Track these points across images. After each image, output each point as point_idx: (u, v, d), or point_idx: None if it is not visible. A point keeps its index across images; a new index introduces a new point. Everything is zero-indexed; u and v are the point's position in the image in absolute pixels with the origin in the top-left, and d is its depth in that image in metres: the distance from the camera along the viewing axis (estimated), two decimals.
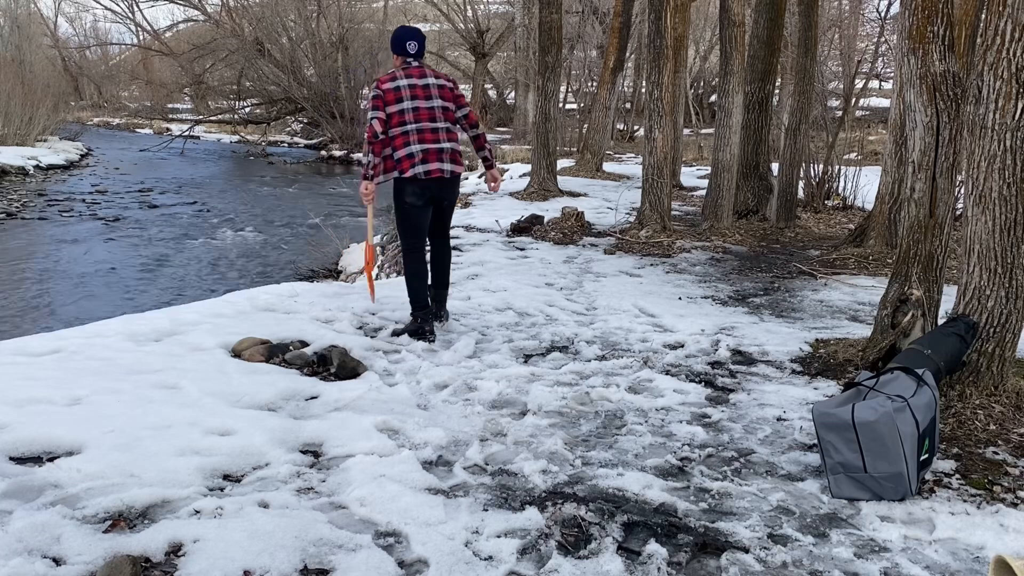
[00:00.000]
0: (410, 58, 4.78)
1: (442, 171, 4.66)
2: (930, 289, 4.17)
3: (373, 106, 4.67)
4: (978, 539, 2.65)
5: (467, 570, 2.40)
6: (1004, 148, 3.43)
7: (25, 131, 21.10)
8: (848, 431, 2.89)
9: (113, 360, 3.97)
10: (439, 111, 4.71)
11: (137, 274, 9.79)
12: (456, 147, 4.77)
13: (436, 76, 4.79)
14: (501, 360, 4.42)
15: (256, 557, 2.36)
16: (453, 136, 4.77)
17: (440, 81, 4.78)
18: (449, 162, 4.70)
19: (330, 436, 3.29)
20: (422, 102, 4.67)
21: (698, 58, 28.61)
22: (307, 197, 16.73)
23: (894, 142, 7.06)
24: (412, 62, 4.77)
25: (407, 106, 4.64)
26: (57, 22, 44.86)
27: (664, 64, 8.36)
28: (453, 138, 4.77)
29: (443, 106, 4.73)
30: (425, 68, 4.78)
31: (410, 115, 4.63)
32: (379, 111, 4.64)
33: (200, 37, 30.29)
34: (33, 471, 2.80)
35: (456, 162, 4.76)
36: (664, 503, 2.85)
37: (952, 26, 4.10)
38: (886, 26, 14.76)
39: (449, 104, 4.77)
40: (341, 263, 10.38)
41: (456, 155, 4.76)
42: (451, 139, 4.75)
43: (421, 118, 4.65)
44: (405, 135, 4.63)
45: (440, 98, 4.73)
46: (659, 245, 8.12)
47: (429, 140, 4.65)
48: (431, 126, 4.67)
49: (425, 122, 4.66)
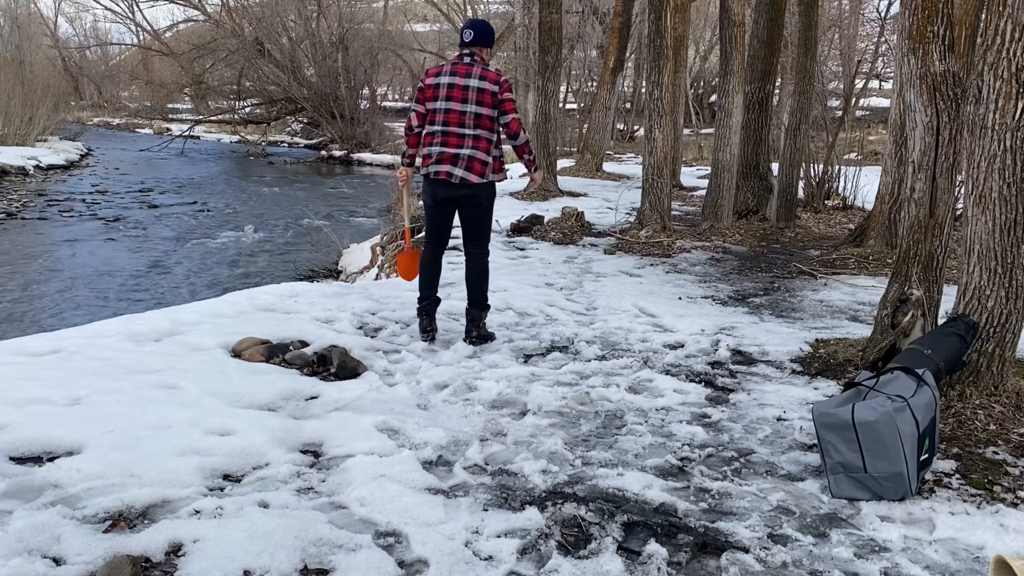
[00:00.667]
0: (465, 49, 4.55)
1: (450, 175, 4.48)
2: (930, 289, 4.17)
3: (415, 98, 4.64)
4: (978, 539, 2.65)
5: (467, 570, 2.40)
6: (1004, 148, 3.43)
7: (25, 131, 21.11)
8: (848, 431, 2.89)
9: (113, 360, 3.97)
10: (470, 117, 4.46)
11: (137, 274, 9.79)
12: (477, 155, 4.48)
13: (482, 77, 4.47)
14: (501, 360, 4.42)
15: (256, 557, 2.36)
16: (480, 144, 4.49)
17: (483, 84, 4.46)
18: (462, 168, 4.47)
19: (330, 436, 3.29)
20: (456, 104, 4.46)
21: (698, 58, 28.61)
22: (307, 197, 16.73)
23: (894, 142, 7.06)
24: (465, 56, 4.54)
25: (440, 106, 4.49)
26: (57, 22, 44.98)
27: (664, 64, 8.37)
28: (479, 146, 4.48)
29: (477, 112, 4.45)
30: (475, 66, 4.50)
31: (441, 116, 4.50)
32: (419, 105, 4.58)
33: (200, 37, 30.30)
34: (33, 471, 2.80)
35: (472, 170, 4.47)
36: (664, 503, 2.85)
37: (952, 26, 4.10)
38: (886, 26, 14.76)
39: (486, 110, 4.46)
40: (341, 263, 10.38)
41: (475, 163, 4.48)
42: (476, 146, 4.48)
43: (450, 121, 4.48)
44: (432, 135, 4.55)
45: (477, 103, 4.45)
46: (659, 245, 8.12)
47: (452, 144, 4.48)
48: (458, 131, 4.47)
49: (453, 126, 4.48)
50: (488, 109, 4.47)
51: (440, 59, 32.26)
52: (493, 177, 4.59)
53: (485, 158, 4.51)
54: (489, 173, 4.55)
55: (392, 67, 34.70)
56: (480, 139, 4.49)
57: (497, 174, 4.60)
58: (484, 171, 4.52)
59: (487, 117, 4.48)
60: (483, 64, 4.53)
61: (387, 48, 30.63)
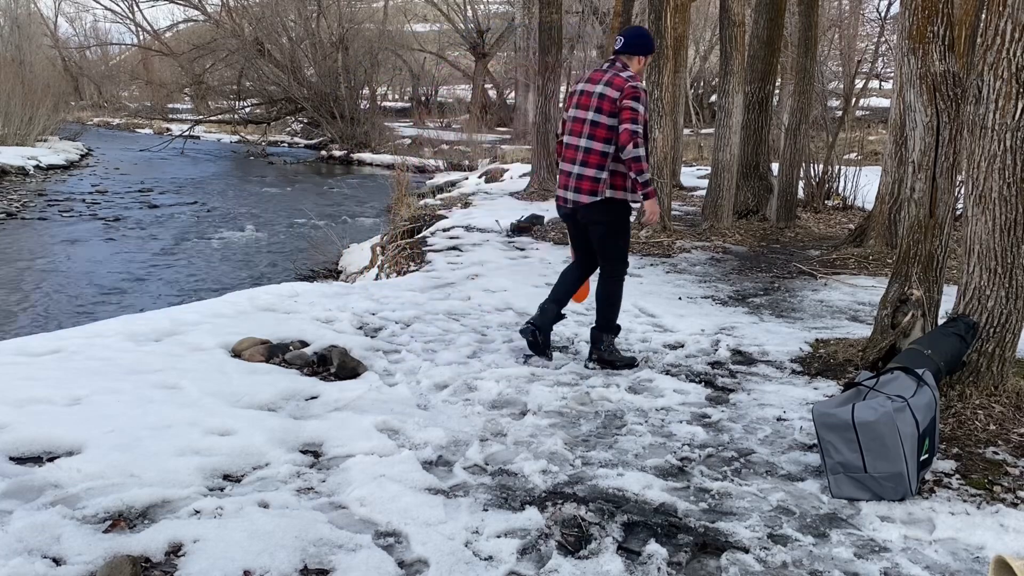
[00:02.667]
0: (613, 56, 4.31)
1: (565, 200, 4.30)
2: (930, 289, 4.17)
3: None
4: (978, 539, 2.65)
5: (467, 570, 2.40)
6: (1004, 148, 3.43)
7: (25, 131, 21.11)
8: (848, 431, 2.89)
9: (113, 360, 3.97)
10: (588, 126, 4.18)
11: (137, 274, 9.79)
12: (587, 172, 4.18)
13: (608, 82, 4.16)
14: (501, 360, 4.42)
15: (256, 557, 2.36)
16: (590, 159, 4.17)
17: (606, 90, 4.14)
18: (572, 191, 4.24)
19: (330, 436, 3.29)
20: (580, 112, 4.23)
21: (698, 58, 28.60)
22: (307, 197, 16.73)
23: (894, 142, 7.06)
24: (605, 64, 4.29)
25: (569, 115, 4.31)
26: (57, 22, 44.98)
27: (664, 64, 8.37)
28: (589, 160, 4.18)
29: (594, 120, 4.16)
30: (608, 72, 4.21)
31: (568, 125, 4.32)
32: (565, 112, 4.43)
33: (200, 37, 30.32)
34: (33, 471, 2.80)
35: (582, 190, 4.20)
36: (664, 503, 2.85)
37: (952, 26, 4.10)
38: (886, 26, 14.77)
39: (603, 118, 4.13)
40: (341, 263, 10.38)
41: (584, 181, 4.19)
42: (585, 161, 4.18)
43: (573, 131, 4.27)
44: (561, 145, 4.40)
45: (596, 110, 4.16)
46: (659, 245, 8.12)
47: (568, 159, 4.29)
48: (574, 143, 4.25)
49: (573, 137, 4.26)
50: (606, 117, 4.13)
51: (440, 59, 32.32)
52: (612, 193, 4.19)
53: (596, 174, 4.17)
54: (604, 190, 4.18)
55: (392, 67, 34.75)
56: (591, 152, 4.17)
57: (619, 191, 4.20)
58: (596, 188, 4.18)
59: (604, 127, 4.14)
60: (618, 70, 4.20)
61: (387, 48, 30.68)
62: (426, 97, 36.39)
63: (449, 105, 33.56)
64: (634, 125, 4.02)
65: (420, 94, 36.87)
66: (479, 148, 21.19)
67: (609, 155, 4.15)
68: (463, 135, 24.11)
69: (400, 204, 11.55)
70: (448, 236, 8.45)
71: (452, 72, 35.88)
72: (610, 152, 4.15)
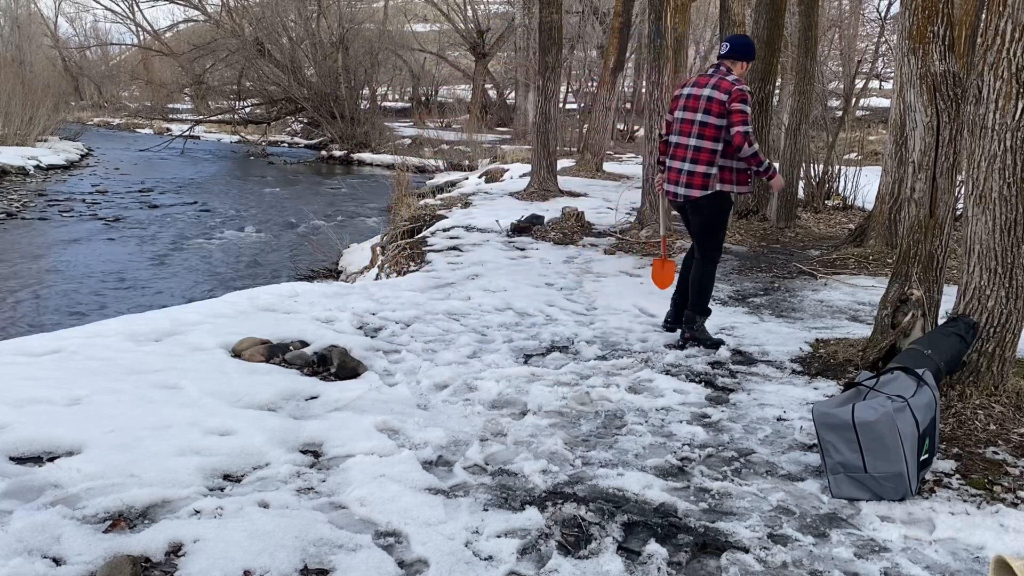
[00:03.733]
0: (719, 60, 4.63)
1: (675, 194, 4.67)
2: (930, 289, 4.17)
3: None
4: (978, 539, 2.65)
5: (467, 570, 2.40)
6: (1004, 148, 3.43)
7: (25, 131, 21.10)
8: (848, 431, 2.89)
9: (113, 360, 3.97)
10: (697, 127, 4.51)
11: (137, 274, 9.79)
12: (697, 168, 4.52)
13: (715, 86, 4.47)
14: (501, 360, 4.42)
15: (256, 557, 2.36)
16: (700, 156, 4.51)
17: (714, 93, 4.46)
18: (683, 186, 4.59)
19: (330, 436, 3.29)
20: (689, 114, 4.56)
21: (698, 58, 28.59)
22: (307, 197, 16.73)
23: (894, 142, 7.06)
24: (711, 68, 4.62)
25: (678, 116, 4.64)
26: (57, 22, 44.95)
27: (664, 64, 8.37)
28: (699, 158, 4.51)
29: (703, 121, 4.48)
30: (715, 77, 4.52)
31: (676, 126, 4.64)
32: (669, 114, 4.79)
33: (200, 37, 30.31)
34: (33, 471, 2.80)
35: (692, 185, 4.54)
36: (664, 503, 2.85)
37: (952, 26, 4.10)
38: (886, 26, 14.77)
39: (712, 119, 4.46)
40: (341, 263, 10.38)
41: (695, 177, 4.53)
42: (696, 159, 4.51)
43: (682, 132, 4.59)
44: (668, 145, 4.75)
45: (705, 111, 4.48)
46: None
47: (678, 157, 4.62)
48: (684, 142, 4.58)
49: (682, 137, 4.59)
50: (714, 118, 4.45)
51: (440, 59, 32.31)
52: (721, 187, 4.56)
53: (707, 170, 4.51)
54: (713, 184, 4.53)
55: (392, 67, 34.74)
56: (701, 150, 4.51)
57: (727, 184, 4.57)
58: (707, 183, 4.53)
59: (713, 127, 4.46)
60: (723, 74, 4.51)
61: (387, 48, 30.66)
62: (426, 97, 36.38)
63: (449, 105, 33.56)
64: (745, 127, 4.40)
65: (420, 94, 36.87)
66: (479, 148, 21.17)
67: (718, 152, 4.51)
68: (463, 135, 24.09)
69: (400, 204, 11.56)
70: (448, 236, 8.45)
71: (452, 72, 35.87)
72: (719, 150, 4.51)
